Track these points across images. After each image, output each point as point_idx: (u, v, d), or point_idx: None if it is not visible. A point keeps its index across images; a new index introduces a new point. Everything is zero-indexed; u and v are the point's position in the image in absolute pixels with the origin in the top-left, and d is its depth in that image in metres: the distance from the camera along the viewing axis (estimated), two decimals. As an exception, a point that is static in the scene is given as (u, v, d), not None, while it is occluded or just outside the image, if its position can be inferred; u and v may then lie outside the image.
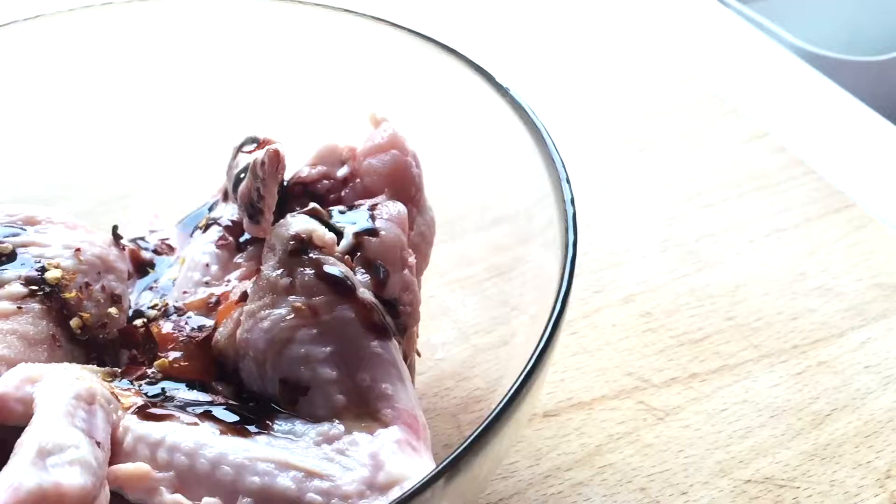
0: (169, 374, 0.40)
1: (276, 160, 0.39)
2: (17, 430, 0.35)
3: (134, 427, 0.36)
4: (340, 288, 0.39)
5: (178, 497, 0.34)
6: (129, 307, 0.44)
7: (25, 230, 0.42)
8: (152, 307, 0.45)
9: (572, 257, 0.36)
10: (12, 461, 0.29)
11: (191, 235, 0.50)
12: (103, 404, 0.35)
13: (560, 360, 0.55)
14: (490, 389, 0.51)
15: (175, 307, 0.44)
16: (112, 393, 0.37)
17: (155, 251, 0.49)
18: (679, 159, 0.70)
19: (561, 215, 0.38)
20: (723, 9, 0.89)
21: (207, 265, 0.46)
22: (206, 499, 0.34)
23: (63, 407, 0.33)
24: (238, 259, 0.46)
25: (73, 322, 0.40)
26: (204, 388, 0.40)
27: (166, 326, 0.42)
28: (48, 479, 0.29)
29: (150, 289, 0.47)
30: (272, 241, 0.41)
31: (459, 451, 0.31)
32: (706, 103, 0.75)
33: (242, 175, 0.44)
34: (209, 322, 0.43)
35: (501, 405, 0.32)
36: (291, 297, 0.39)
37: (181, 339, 0.42)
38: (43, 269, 0.40)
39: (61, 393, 0.34)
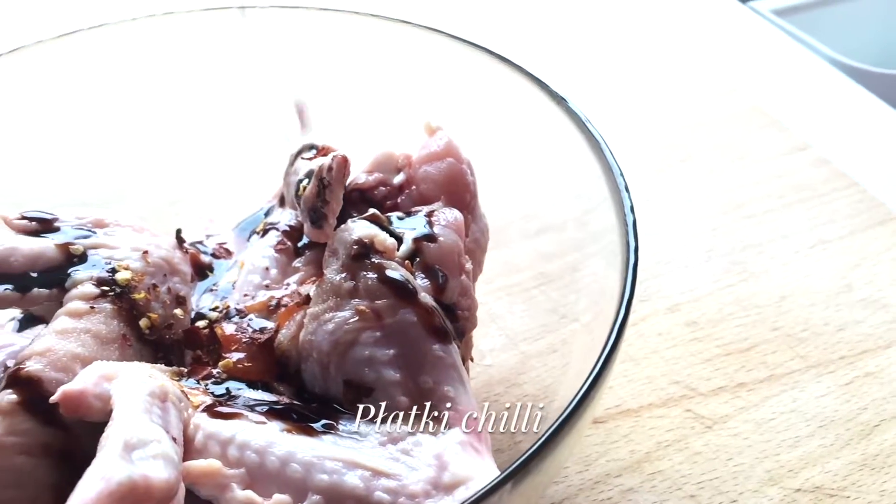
0: (233, 374, 0.41)
1: (344, 166, 0.40)
2: (92, 428, 0.36)
3: (204, 425, 0.37)
4: (403, 292, 0.40)
5: (250, 493, 0.34)
6: (191, 309, 0.45)
7: (95, 232, 0.43)
8: (213, 309, 0.46)
9: (634, 263, 0.37)
10: (101, 454, 0.30)
11: (248, 240, 0.51)
12: (175, 402, 0.36)
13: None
14: (541, 396, 0.51)
15: (236, 309, 0.45)
16: (182, 391, 0.38)
17: (213, 255, 0.50)
18: (721, 170, 0.70)
19: (621, 223, 0.39)
20: (762, 22, 0.90)
21: (267, 269, 0.47)
22: (276, 496, 0.35)
23: (140, 403, 0.34)
24: (297, 263, 0.47)
25: (142, 322, 0.41)
26: (267, 389, 0.41)
27: (229, 328, 0.43)
28: (137, 472, 0.30)
29: (210, 291, 0.48)
30: (335, 245, 0.42)
31: (529, 454, 0.32)
32: (747, 115, 0.76)
33: (304, 181, 0.45)
34: (270, 324, 0.44)
35: (569, 409, 0.32)
36: (355, 301, 0.40)
37: (244, 340, 0.43)
38: (113, 271, 0.41)
39: (137, 390, 0.35)
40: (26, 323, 0.46)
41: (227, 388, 0.40)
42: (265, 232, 0.49)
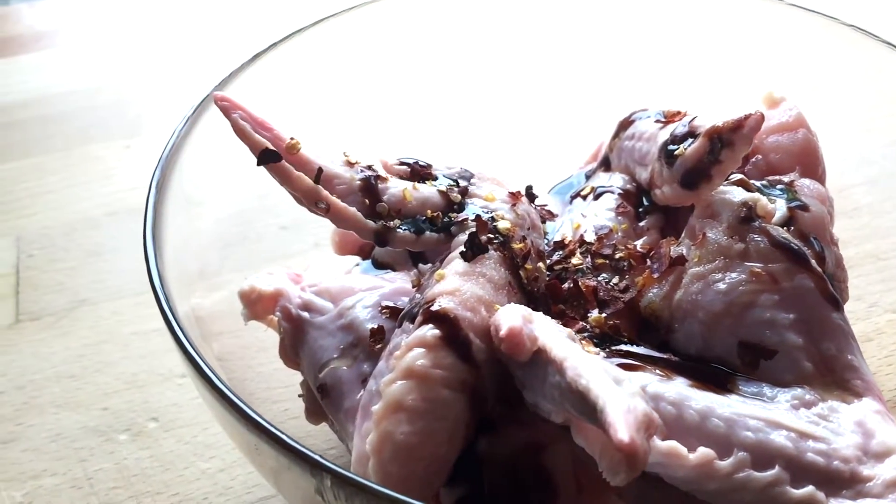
0: (602, 329, 0.41)
1: (760, 124, 0.40)
2: (493, 369, 0.36)
3: (609, 374, 0.37)
4: (796, 257, 0.39)
5: (674, 444, 0.34)
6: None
7: (466, 182, 0.44)
8: (554, 265, 0.46)
9: None
10: (598, 389, 0.30)
11: (570, 203, 0.51)
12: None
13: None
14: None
15: (588, 267, 0.45)
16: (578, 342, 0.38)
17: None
18: None
19: None
20: None
21: (611, 231, 0.47)
22: (701, 448, 0.34)
23: (573, 345, 0.34)
24: (641, 225, 0.47)
25: (522, 272, 0.41)
26: (637, 345, 0.41)
27: (589, 285, 0.44)
28: (643, 406, 0.30)
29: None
30: (715, 208, 0.41)
31: None
32: None
33: (672, 143, 0.44)
34: (625, 283, 0.44)
35: None
36: (747, 263, 0.39)
37: (607, 297, 0.43)
38: (493, 220, 0.42)
39: (560, 334, 0.35)
40: (374, 268, 0.48)
41: (601, 342, 0.41)
42: (598, 196, 0.49)
